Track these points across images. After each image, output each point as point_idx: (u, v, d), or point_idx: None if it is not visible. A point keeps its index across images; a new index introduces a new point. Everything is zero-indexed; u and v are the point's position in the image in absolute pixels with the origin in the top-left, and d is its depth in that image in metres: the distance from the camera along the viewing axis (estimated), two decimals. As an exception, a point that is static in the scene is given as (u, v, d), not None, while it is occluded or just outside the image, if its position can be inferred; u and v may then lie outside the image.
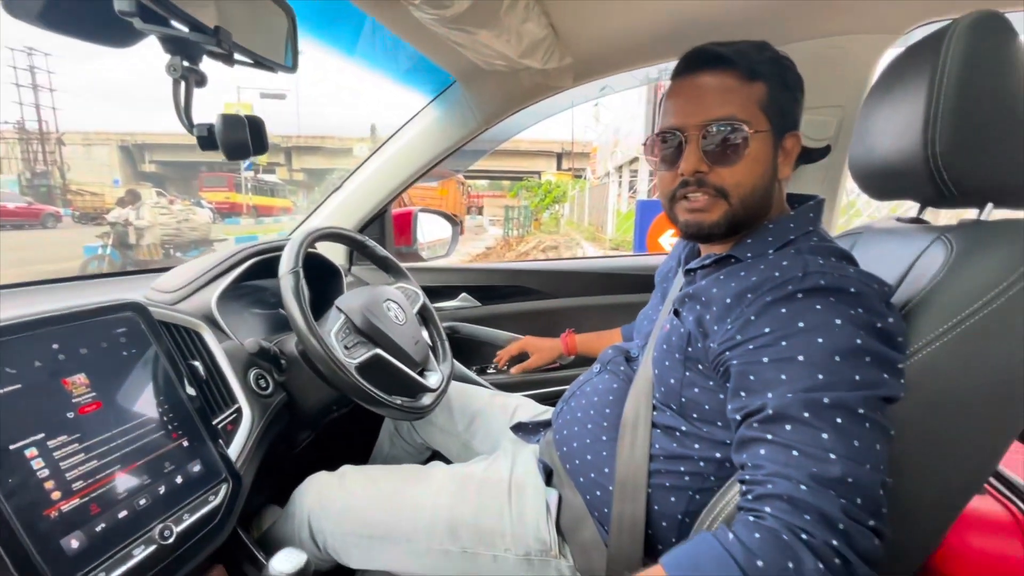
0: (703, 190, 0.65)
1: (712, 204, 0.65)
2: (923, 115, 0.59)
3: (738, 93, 0.63)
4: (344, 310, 0.88)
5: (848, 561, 0.45)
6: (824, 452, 0.48)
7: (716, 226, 0.66)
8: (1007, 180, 0.60)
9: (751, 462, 0.52)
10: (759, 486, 0.50)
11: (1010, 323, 0.53)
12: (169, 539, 0.59)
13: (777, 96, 0.65)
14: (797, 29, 1.05)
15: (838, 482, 0.47)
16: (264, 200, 23.30)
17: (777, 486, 0.48)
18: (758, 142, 0.64)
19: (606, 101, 18.74)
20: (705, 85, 0.65)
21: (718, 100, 0.63)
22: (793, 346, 0.52)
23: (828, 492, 0.46)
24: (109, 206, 11.52)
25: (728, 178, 0.64)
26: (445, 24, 0.80)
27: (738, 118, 0.62)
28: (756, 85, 0.64)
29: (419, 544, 0.76)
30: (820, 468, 0.47)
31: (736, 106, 0.63)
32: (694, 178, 0.65)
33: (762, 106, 0.64)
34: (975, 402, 0.55)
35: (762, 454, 0.51)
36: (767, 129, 0.64)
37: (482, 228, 21.42)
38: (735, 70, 0.63)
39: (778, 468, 0.49)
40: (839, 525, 0.45)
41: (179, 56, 0.46)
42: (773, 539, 0.46)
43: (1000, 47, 0.58)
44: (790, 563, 0.44)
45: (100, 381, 0.61)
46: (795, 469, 0.48)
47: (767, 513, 0.48)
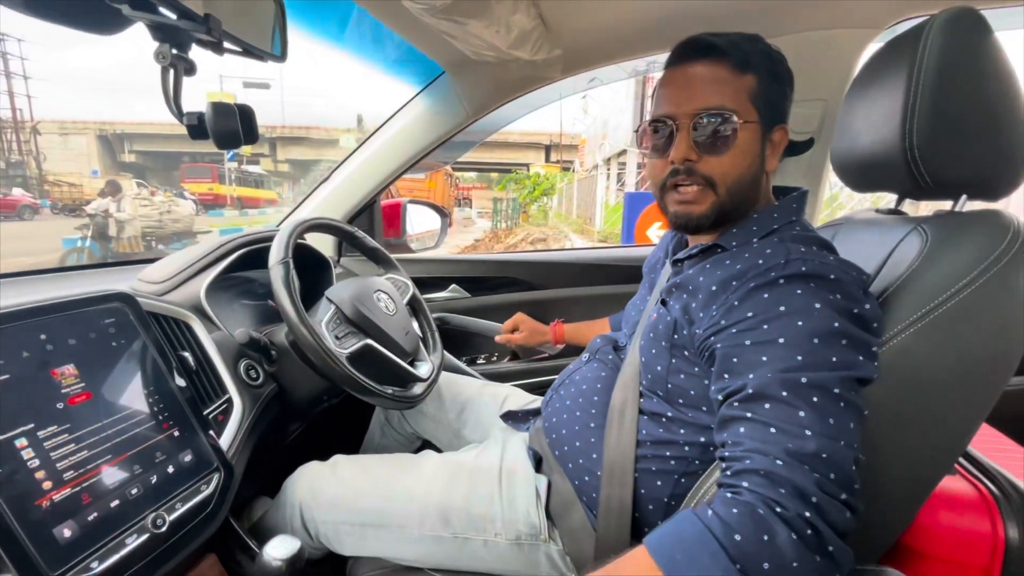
0: (692, 179, 0.66)
1: (701, 195, 0.66)
2: (901, 109, 0.61)
3: (730, 84, 0.64)
4: (334, 301, 0.88)
5: (820, 532, 0.47)
6: (800, 429, 0.50)
7: (704, 217, 0.67)
8: (981, 173, 0.62)
9: (731, 439, 0.54)
10: (737, 462, 0.51)
11: (979, 310, 0.55)
12: (162, 528, 0.59)
13: (767, 89, 0.66)
14: (782, 23, 1.06)
15: (813, 457, 0.49)
16: (249, 191, 22.92)
17: (754, 461, 0.50)
18: (747, 133, 0.65)
19: (594, 94, 18.70)
20: (697, 75, 0.66)
21: (710, 90, 0.65)
22: (774, 329, 0.54)
23: (803, 467, 0.48)
24: (88, 197, 11.26)
25: (717, 167, 0.65)
26: (435, 14, 0.80)
27: (728, 108, 0.64)
28: (747, 77, 0.65)
29: (411, 531, 0.77)
30: (796, 444, 0.49)
31: (727, 96, 0.64)
32: (684, 166, 0.66)
33: (752, 98, 0.65)
34: (946, 386, 0.57)
35: (741, 432, 0.53)
36: (756, 120, 0.65)
37: (470, 220, 21.35)
38: (727, 61, 0.65)
39: (756, 444, 0.51)
40: (812, 498, 0.47)
41: (168, 44, 0.46)
42: (749, 513, 0.48)
43: (975, 43, 0.59)
44: (765, 535, 0.46)
45: (89, 372, 0.61)
46: (772, 445, 0.50)
47: (744, 488, 0.50)
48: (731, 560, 0.46)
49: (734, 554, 0.46)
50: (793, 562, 0.46)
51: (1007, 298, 0.56)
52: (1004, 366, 0.59)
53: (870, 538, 0.63)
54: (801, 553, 0.46)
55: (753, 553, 0.46)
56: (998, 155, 0.61)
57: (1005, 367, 0.59)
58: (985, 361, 0.57)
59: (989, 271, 0.55)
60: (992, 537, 0.70)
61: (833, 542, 0.47)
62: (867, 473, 0.51)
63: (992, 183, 0.63)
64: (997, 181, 0.62)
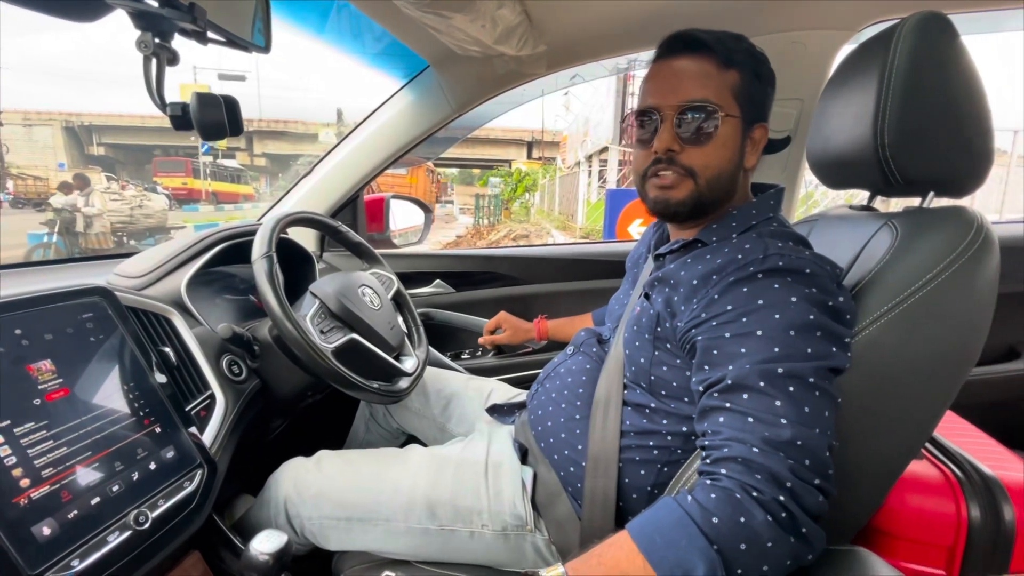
0: (673, 168, 0.68)
1: (680, 182, 0.68)
2: (873, 109, 0.63)
3: (714, 78, 0.66)
4: (319, 295, 0.88)
5: (793, 515, 0.49)
6: (776, 418, 0.52)
7: (681, 204, 0.69)
8: (947, 171, 0.65)
9: (711, 429, 0.56)
10: (716, 450, 0.54)
11: (945, 302, 0.58)
12: (144, 525, 0.59)
13: (750, 86, 0.68)
14: (760, 23, 1.09)
15: (788, 444, 0.51)
16: (225, 186, 22.36)
17: (732, 449, 0.52)
18: (728, 127, 0.67)
19: (576, 91, 18.78)
20: (683, 69, 0.67)
21: (695, 83, 0.66)
22: (752, 321, 0.56)
23: (778, 454, 0.51)
24: (54, 191, 10.84)
25: (698, 159, 0.67)
26: (420, 7, 0.80)
27: (712, 102, 0.65)
28: (731, 73, 0.67)
29: (398, 524, 0.77)
30: (772, 432, 0.51)
31: (711, 90, 0.66)
32: (666, 156, 0.68)
33: (735, 94, 0.67)
34: (914, 374, 0.60)
35: (721, 421, 0.55)
36: (738, 116, 0.67)
37: (452, 217, 21.24)
38: (712, 56, 0.66)
39: (734, 433, 0.53)
40: (787, 483, 0.49)
41: (150, 32, 0.45)
42: (727, 497, 0.50)
43: (942, 47, 0.62)
44: (742, 518, 0.49)
45: (67, 367, 0.60)
46: (749, 434, 0.52)
47: (722, 475, 0.52)
48: (709, 541, 0.48)
49: (711, 535, 0.48)
50: (768, 542, 0.48)
51: (970, 290, 0.59)
52: (968, 355, 0.62)
53: (843, 520, 0.66)
54: (776, 534, 0.48)
55: (730, 534, 0.48)
56: (963, 154, 0.63)
57: (969, 356, 0.62)
58: (951, 350, 0.60)
59: (954, 265, 0.58)
60: (956, 517, 0.74)
61: (806, 524, 0.49)
62: (839, 458, 0.53)
63: (958, 181, 0.66)
64: (963, 179, 0.65)
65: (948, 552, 0.75)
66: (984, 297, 0.60)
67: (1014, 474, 0.76)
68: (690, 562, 0.48)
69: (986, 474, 0.76)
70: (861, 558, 0.55)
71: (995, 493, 0.73)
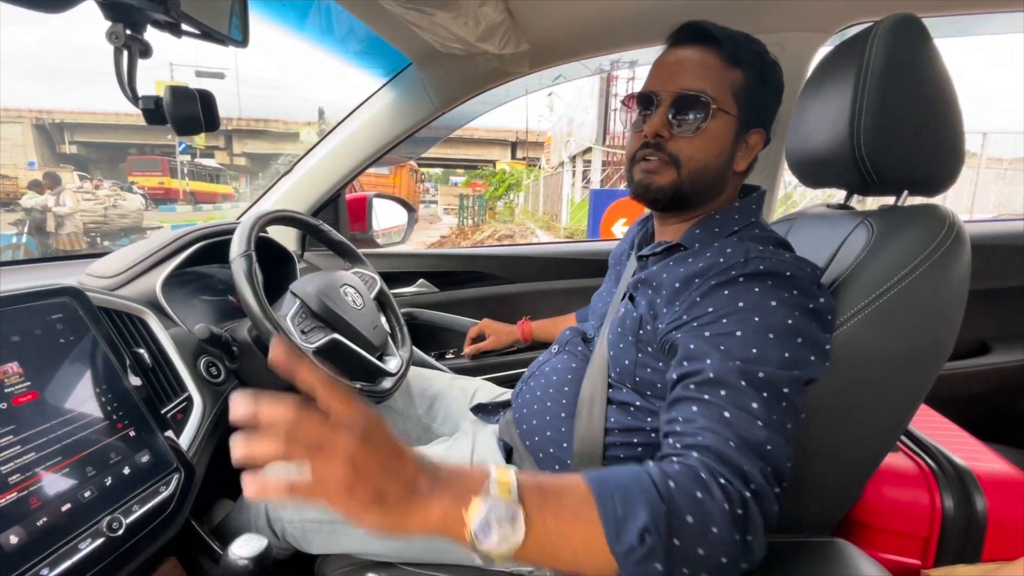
0: (659, 155, 0.68)
1: (663, 168, 0.68)
2: (850, 109, 0.65)
3: (715, 72, 0.66)
4: (299, 295, 0.86)
5: (749, 514, 0.47)
6: (752, 419, 0.51)
7: (661, 191, 0.69)
8: (921, 170, 0.66)
9: (682, 417, 0.54)
10: (688, 437, 0.51)
11: (919, 297, 0.59)
12: (118, 531, 0.57)
13: (752, 88, 0.67)
14: (739, 24, 1.10)
15: (760, 447, 0.50)
16: (203, 186, 21.91)
17: (706, 439, 0.50)
18: (721, 123, 0.67)
19: (559, 92, 18.86)
20: (687, 58, 0.67)
21: (695, 73, 0.66)
22: (732, 323, 0.56)
23: (750, 453, 0.49)
24: (24, 191, 10.51)
25: (684, 148, 0.67)
26: (402, 4, 0.80)
27: (708, 94, 0.65)
28: (735, 71, 0.66)
29: (381, 526, 0.76)
30: (747, 432, 0.50)
31: (710, 83, 0.66)
32: (654, 140, 0.68)
33: (735, 92, 0.67)
34: (891, 367, 0.62)
35: (694, 411, 0.53)
36: (734, 114, 0.67)
37: (436, 217, 21.14)
38: (719, 51, 0.66)
39: (709, 424, 0.51)
40: (752, 484, 0.48)
41: (121, 23, 0.43)
42: (691, 472, 0.48)
43: (916, 49, 0.63)
44: (699, 493, 0.46)
45: (35, 370, 0.58)
46: (725, 428, 0.51)
47: (692, 457, 0.50)
48: (660, 498, 0.45)
49: (664, 494, 0.46)
50: (714, 527, 0.45)
51: (943, 286, 0.61)
52: (941, 349, 0.63)
53: (822, 512, 0.67)
54: (725, 522, 0.46)
55: (681, 503, 0.46)
56: (936, 154, 0.65)
57: (942, 350, 0.63)
58: (925, 344, 0.62)
59: (928, 261, 0.60)
60: (930, 508, 0.76)
61: (755, 530, 0.47)
62: (820, 452, 0.54)
63: (931, 180, 0.67)
64: (936, 178, 0.67)
65: (923, 542, 0.77)
66: (956, 291, 0.62)
67: (986, 465, 0.79)
68: (635, 506, 0.45)
69: (959, 465, 0.78)
70: (841, 549, 0.56)
71: (967, 484, 0.76)
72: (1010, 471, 0.78)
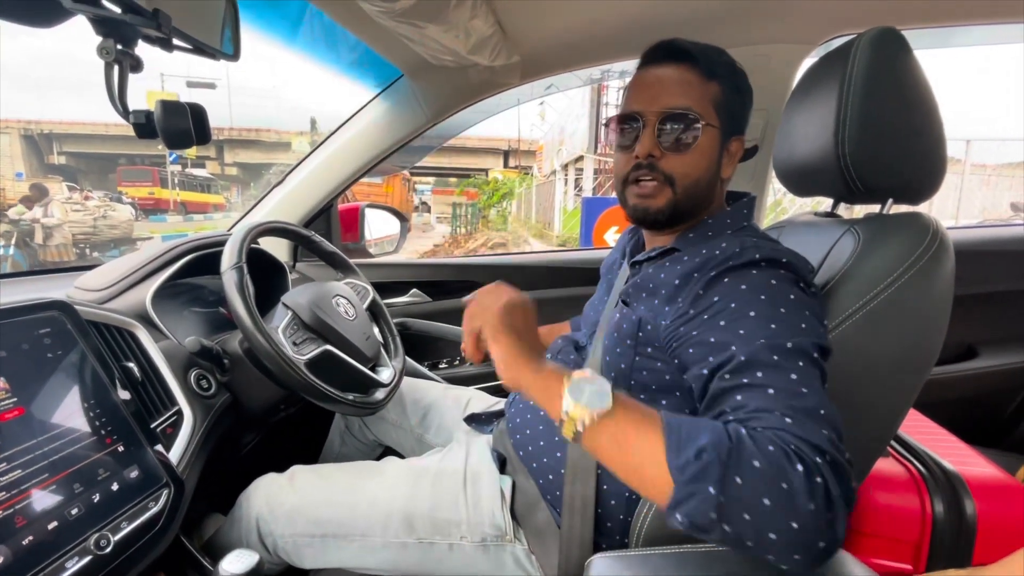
0: (653, 175, 0.69)
1: (659, 190, 0.69)
2: (834, 119, 0.66)
3: (696, 88, 0.67)
4: (291, 306, 0.86)
5: (829, 490, 0.43)
6: (798, 387, 0.50)
7: (660, 212, 0.70)
8: (904, 179, 0.68)
9: (730, 407, 0.51)
10: (744, 423, 0.48)
11: (906, 303, 0.60)
12: (106, 549, 0.56)
13: (729, 98, 0.69)
14: (727, 36, 1.12)
15: (815, 412, 0.48)
16: (194, 196, 21.78)
17: (762, 420, 0.48)
18: (708, 137, 0.68)
19: (551, 101, 18.98)
20: (667, 76, 0.68)
21: (677, 91, 0.67)
22: (742, 306, 0.56)
23: (809, 422, 0.47)
24: (11, 202, 10.40)
25: (677, 166, 0.68)
26: (393, 17, 0.80)
27: (694, 111, 0.67)
28: (713, 84, 0.68)
29: (375, 539, 0.76)
30: (798, 401, 0.48)
31: (693, 99, 0.67)
32: (647, 161, 0.68)
33: (715, 105, 0.68)
34: (880, 371, 0.62)
35: (739, 399, 0.51)
36: (717, 127, 0.69)
37: (429, 226, 21.14)
38: (696, 67, 0.68)
39: (759, 404, 0.49)
40: (826, 455, 0.45)
41: (112, 39, 0.43)
42: (765, 439, 0.45)
43: (897, 61, 0.65)
44: (771, 447, 0.44)
45: (21, 385, 0.57)
46: (776, 404, 0.48)
47: (759, 427, 0.47)
48: (728, 437, 0.44)
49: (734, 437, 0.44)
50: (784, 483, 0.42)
51: (929, 291, 0.62)
52: (928, 353, 0.64)
53: None
54: (801, 485, 0.42)
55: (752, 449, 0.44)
56: (919, 163, 0.66)
57: (929, 354, 0.64)
58: (912, 349, 0.63)
59: (914, 267, 0.61)
60: (921, 513, 0.76)
61: (839, 507, 0.43)
62: None
63: (914, 188, 0.69)
64: (919, 186, 0.68)
65: (915, 547, 0.77)
66: (942, 296, 0.63)
67: (975, 469, 0.79)
68: (700, 432, 0.46)
69: (948, 470, 0.79)
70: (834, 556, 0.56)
71: (957, 488, 0.76)
72: (999, 475, 0.79)
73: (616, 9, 1.04)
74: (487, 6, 0.93)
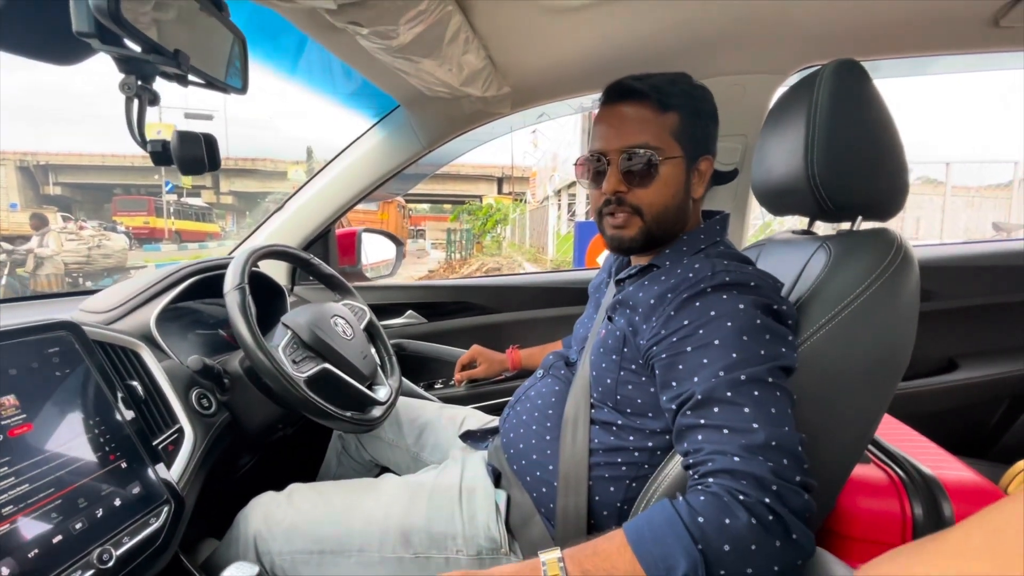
0: (622, 208, 0.74)
1: (629, 221, 0.74)
2: (803, 143, 0.71)
3: (652, 123, 0.72)
4: (291, 326, 0.88)
5: (781, 517, 0.51)
6: (748, 424, 0.55)
7: (634, 240, 0.75)
8: (871, 197, 0.72)
9: (692, 448, 0.59)
10: (702, 466, 0.56)
11: (874, 312, 0.64)
12: (108, 563, 0.57)
13: (689, 125, 0.74)
14: (705, 67, 1.19)
15: (764, 448, 0.54)
16: (189, 225, 21.87)
17: (716, 463, 0.55)
18: (670, 167, 0.73)
19: (543, 128, 19.42)
20: (624, 115, 0.74)
21: (634, 129, 0.73)
22: (709, 332, 0.61)
23: (757, 458, 0.54)
24: (6, 232, 10.39)
25: (643, 198, 0.73)
26: (391, 53, 0.86)
27: (651, 145, 0.72)
28: (669, 115, 0.73)
29: (372, 554, 0.77)
30: (748, 439, 0.55)
31: (650, 134, 0.72)
32: (614, 197, 0.74)
33: (674, 134, 0.73)
34: (853, 379, 0.66)
35: (700, 439, 0.58)
36: (679, 156, 0.73)
37: (424, 252, 21.24)
38: (649, 102, 0.73)
39: (715, 447, 0.56)
40: (772, 486, 0.52)
41: (133, 75, 0.47)
42: (714, 499, 0.53)
43: (857, 89, 0.70)
44: (727, 519, 0.51)
45: (30, 402, 0.59)
46: (728, 445, 0.55)
47: (711, 483, 0.54)
48: (693, 540, 0.51)
49: (697, 535, 0.51)
50: (752, 544, 0.50)
51: (895, 301, 0.65)
52: (898, 360, 0.68)
53: None
54: (760, 537, 0.50)
55: (715, 535, 0.51)
56: (883, 183, 0.71)
57: (899, 361, 0.68)
58: (882, 356, 0.66)
59: (880, 279, 0.65)
60: (901, 516, 0.78)
61: (795, 527, 0.51)
62: None
63: (881, 206, 0.73)
64: (885, 205, 0.73)
65: (898, 551, 0.79)
66: (908, 305, 0.67)
67: (952, 473, 0.82)
68: (673, 558, 0.50)
69: (926, 474, 0.81)
70: (818, 559, 0.58)
71: (935, 492, 0.79)
72: (975, 478, 0.81)
73: (598, 43, 1.11)
74: (478, 42, 0.99)
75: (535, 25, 1.00)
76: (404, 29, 0.78)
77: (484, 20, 0.95)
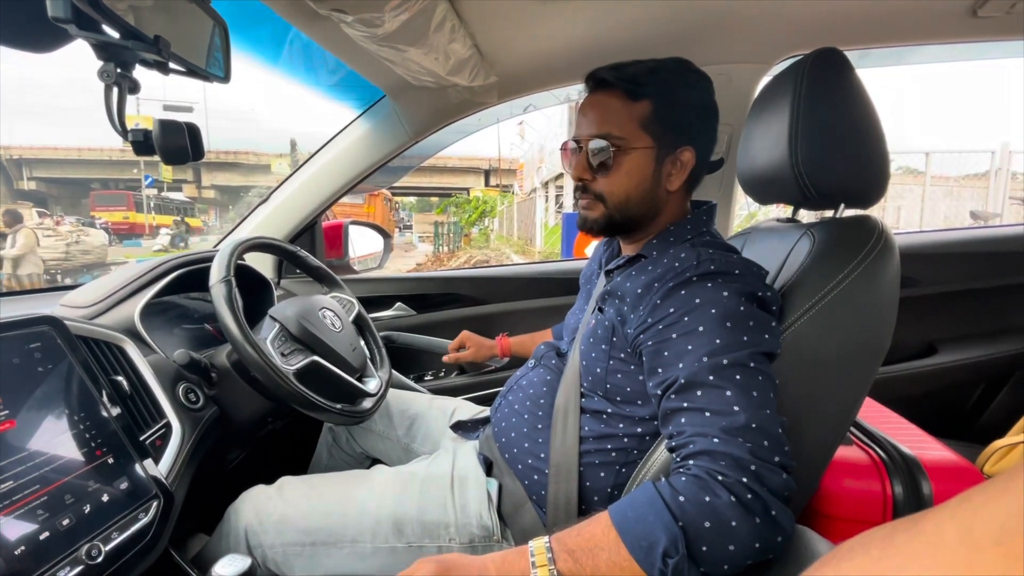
0: (585, 195, 0.77)
1: (592, 206, 0.77)
2: (788, 132, 0.72)
3: (619, 113, 0.73)
4: (278, 318, 0.88)
5: (759, 496, 0.52)
6: (730, 407, 0.57)
7: (596, 222, 0.77)
8: (853, 185, 0.73)
9: (675, 430, 0.60)
10: (684, 448, 0.58)
11: (855, 297, 0.66)
12: (97, 559, 0.57)
13: (664, 113, 0.73)
14: (691, 55, 1.18)
15: (744, 429, 0.55)
16: (170, 220, 21.47)
17: (697, 444, 0.56)
18: (636, 157, 0.73)
19: (530, 120, 19.30)
20: (595, 104, 0.75)
21: (600, 118, 0.74)
22: (693, 319, 0.62)
23: (737, 439, 0.55)
24: (-20, 227, 10.09)
25: (604, 186, 0.75)
26: (375, 41, 0.84)
27: (613, 135, 0.72)
28: (640, 104, 0.72)
29: (364, 545, 0.77)
30: (728, 421, 0.56)
31: (614, 125, 0.73)
32: (580, 183, 0.77)
33: (644, 124, 0.72)
34: (836, 362, 0.67)
35: (682, 422, 0.59)
36: (649, 145, 0.73)
37: (411, 245, 21.11)
38: (618, 92, 0.73)
39: (696, 430, 0.57)
40: (751, 467, 0.53)
41: (112, 62, 0.46)
42: (695, 480, 0.54)
43: (839, 78, 0.71)
44: (707, 497, 0.52)
45: (12, 399, 0.58)
46: (709, 427, 0.57)
47: (692, 465, 0.56)
48: (674, 517, 0.52)
49: (677, 512, 0.52)
50: (732, 521, 0.51)
51: (875, 286, 0.67)
52: (879, 344, 0.69)
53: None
54: (739, 514, 0.52)
55: (695, 512, 0.52)
56: (865, 171, 0.72)
57: (879, 346, 0.69)
58: (863, 340, 0.68)
59: (861, 265, 0.66)
60: (883, 495, 0.81)
61: (774, 505, 0.53)
62: None
63: (863, 194, 0.75)
64: (866, 192, 0.74)
65: (879, 529, 0.81)
66: (888, 290, 0.68)
67: (931, 453, 0.84)
68: (654, 535, 0.52)
69: (906, 454, 0.83)
70: (801, 537, 0.60)
71: (914, 471, 0.81)
72: (953, 458, 0.84)
73: (584, 32, 1.10)
74: (465, 30, 0.98)
75: (522, 14, 1.00)
76: (389, 17, 0.77)
77: (470, 8, 0.94)
